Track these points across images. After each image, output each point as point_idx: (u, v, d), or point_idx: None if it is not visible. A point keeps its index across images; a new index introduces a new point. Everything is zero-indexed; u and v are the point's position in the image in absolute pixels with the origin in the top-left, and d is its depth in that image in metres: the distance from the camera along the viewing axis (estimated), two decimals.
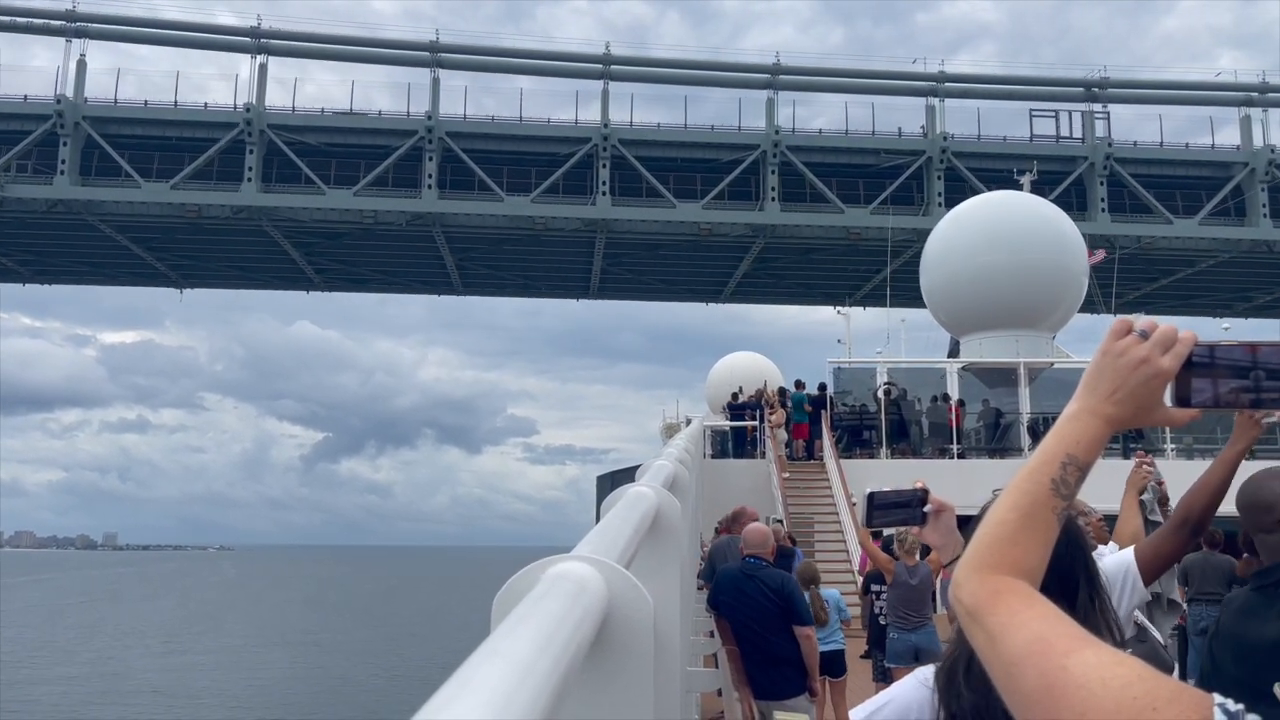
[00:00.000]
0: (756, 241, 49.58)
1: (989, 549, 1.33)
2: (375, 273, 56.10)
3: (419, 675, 42.19)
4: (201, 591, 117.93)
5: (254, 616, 79.28)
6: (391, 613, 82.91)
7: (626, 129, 48.09)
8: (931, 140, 48.78)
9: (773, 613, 7.78)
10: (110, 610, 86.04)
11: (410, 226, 48.10)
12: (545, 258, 53.79)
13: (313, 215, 47.17)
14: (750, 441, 26.54)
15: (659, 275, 56.09)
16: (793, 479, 23.09)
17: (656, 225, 48.44)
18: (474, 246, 51.83)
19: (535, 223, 47.79)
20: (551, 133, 47.92)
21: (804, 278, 56.74)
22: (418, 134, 46.58)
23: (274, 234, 48.86)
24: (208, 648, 56.36)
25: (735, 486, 21.90)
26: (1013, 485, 1.38)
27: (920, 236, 50.02)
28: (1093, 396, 1.38)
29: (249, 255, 53.88)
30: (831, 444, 23.95)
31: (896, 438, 25.58)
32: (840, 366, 28.36)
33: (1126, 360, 1.36)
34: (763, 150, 48.11)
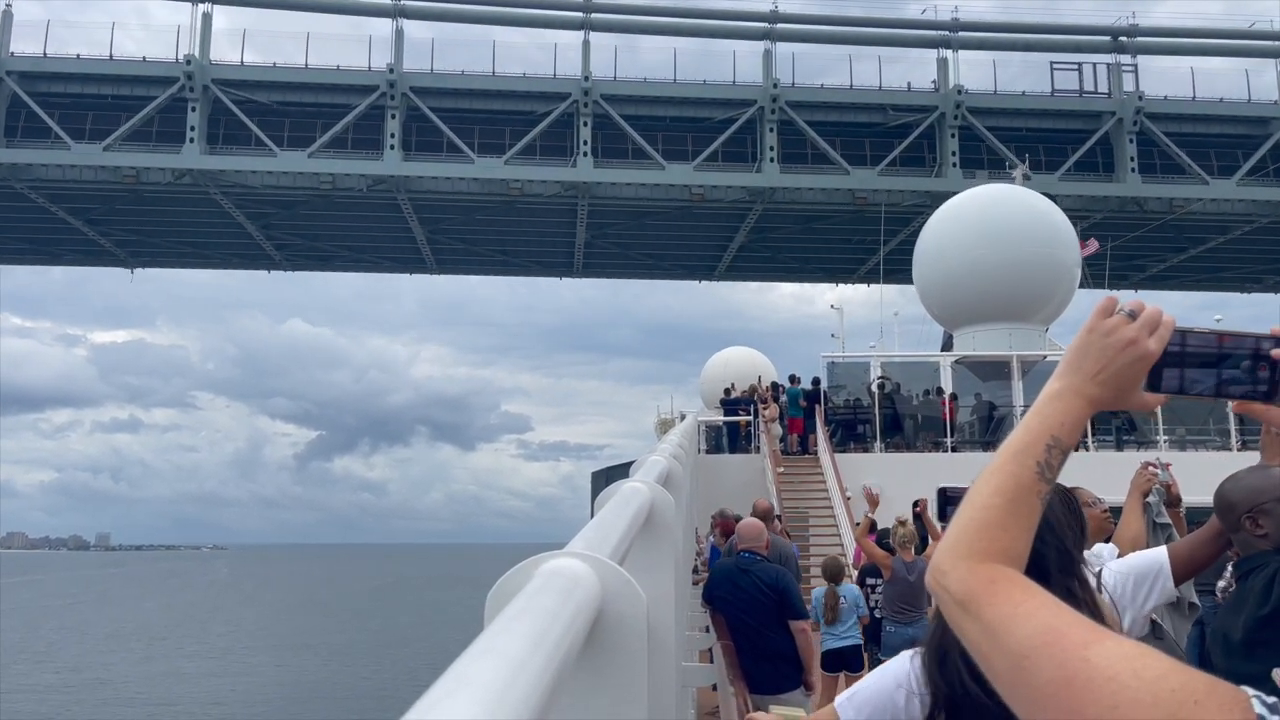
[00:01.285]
0: (753, 208, 44.61)
1: (976, 535, 1.26)
2: (340, 248, 51.00)
3: (411, 676, 41.01)
4: (191, 593, 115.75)
5: (243, 618, 76.80)
6: (385, 612, 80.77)
7: (609, 83, 43.07)
8: (944, 95, 43.84)
9: (768, 607, 7.74)
10: (95, 613, 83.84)
11: (373, 192, 43.05)
12: (523, 229, 48.77)
13: (264, 180, 42.08)
14: (745, 436, 26.20)
15: (647, 249, 51.08)
16: (787, 474, 22.83)
17: (644, 190, 43.44)
18: (445, 217, 46.79)
19: (510, 187, 42.77)
20: (527, 87, 42.88)
21: (804, 251, 51.77)
22: (379, 89, 41.52)
23: (224, 203, 43.77)
24: (191, 652, 53.96)
25: (730, 481, 21.68)
26: (996, 467, 1.31)
27: (934, 200, 45.11)
28: (1076, 375, 1.32)
29: (200, 229, 48.76)
30: (826, 438, 23.64)
31: (890, 431, 25.28)
32: (834, 361, 28.07)
33: (1114, 340, 1.31)
34: (760, 106, 43.13)
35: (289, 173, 41.61)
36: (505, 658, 0.81)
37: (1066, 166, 44.03)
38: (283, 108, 42.95)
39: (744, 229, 47.03)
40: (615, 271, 54.39)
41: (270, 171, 41.55)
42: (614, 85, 43.03)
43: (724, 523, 12.29)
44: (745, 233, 47.61)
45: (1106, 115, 44.66)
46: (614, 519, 1.79)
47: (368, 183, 42.29)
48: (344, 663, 49.06)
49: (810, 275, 55.05)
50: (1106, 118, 44.66)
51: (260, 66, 42.09)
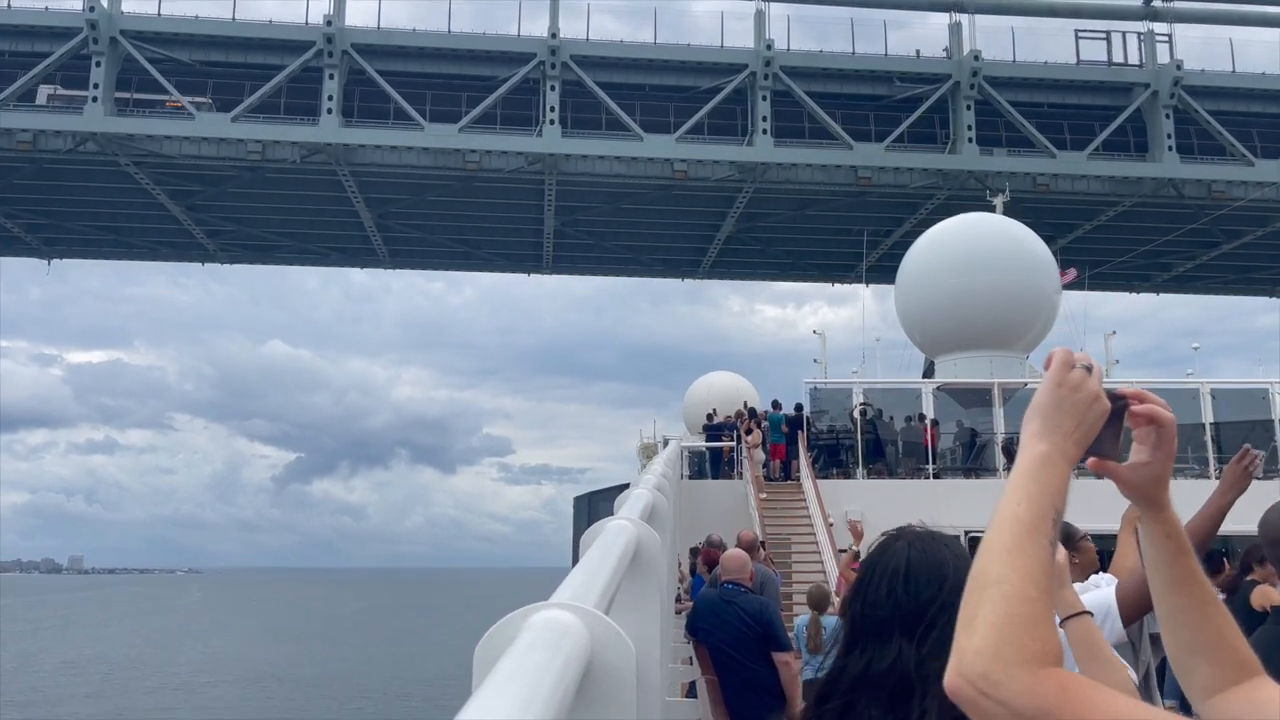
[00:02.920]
0: (743, 189, 38.81)
1: (1027, 634, 1.11)
2: (280, 235, 44.87)
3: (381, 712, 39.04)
4: (159, 618, 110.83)
5: (209, 646, 72.56)
6: (358, 640, 76.70)
7: (581, 42, 37.31)
8: (958, 62, 38.25)
9: (751, 639, 7.64)
10: (54, 640, 79.29)
11: (309, 165, 37.02)
12: (484, 214, 42.81)
13: (182, 149, 35.99)
14: (727, 462, 25.88)
15: (625, 239, 45.19)
16: (770, 500, 22.53)
17: (619, 165, 37.58)
18: (395, 197, 40.77)
19: (467, 161, 36.82)
20: (487, 47, 37.04)
21: (798, 243, 46.02)
22: (315, 45, 35.59)
23: (139, 176, 37.63)
24: (149, 684, 49.67)
25: (713, 508, 21.60)
26: (1014, 546, 1.17)
27: (946, 181, 39.50)
28: (1057, 434, 1.26)
29: (119, 211, 42.61)
30: (808, 464, 23.35)
31: (873, 458, 25.04)
32: (816, 386, 27.88)
33: (1084, 395, 1.28)
34: (751, 72, 37.41)
35: (210, 139, 35.55)
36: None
37: (1095, 145, 38.49)
38: (206, 68, 36.96)
39: (732, 215, 41.22)
40: (589, 267, 48.46)
41: (188, 138, 35.49)
42: (586, 46, 37.27)
43: (708, 552, 12.21)
44: (734, 220, 41.80)
45: (1139, 88, 39.19)
46: (600, 563, 1.81)
47: (302, 152, 36.26)
48: (311, 696, 45.02)
49: (804, 273, 49.24)
50: (1139, 91, 39.17)
51: (179, 19, 36.10)
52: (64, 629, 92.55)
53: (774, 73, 37.16)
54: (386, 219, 42.59)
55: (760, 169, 37.26)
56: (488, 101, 36.04)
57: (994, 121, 39.30)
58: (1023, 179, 39.09)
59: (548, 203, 39.94)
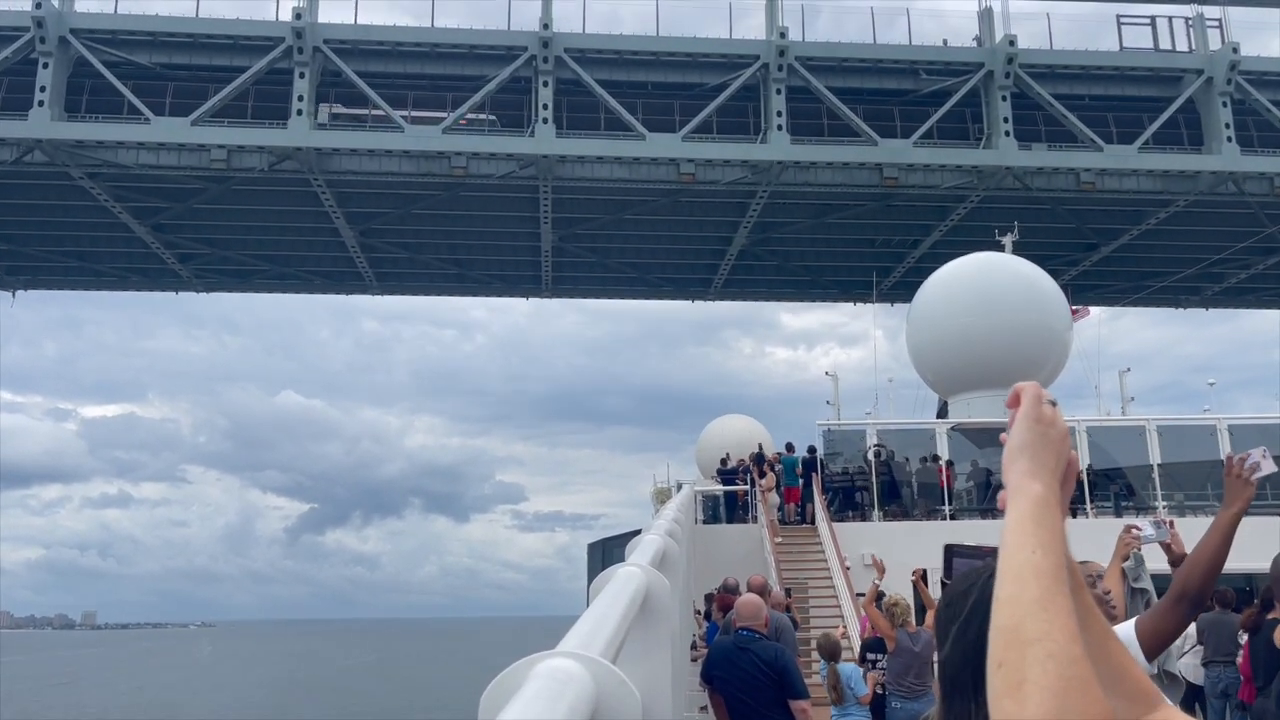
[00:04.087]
0: (757, 193, 35.01)
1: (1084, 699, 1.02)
2: (256, 259, 41.25)
3: None
4: (168, 674, 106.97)
5: (216, 703, 68.93)
6: (370, 693, 73.79)
7: (576, 35, 33.79)
8: (992, 50, 34.53)
9: (766, 686, 7.47)
10: (60, 698, 76.95)
11: (279, 174, 33.44)
12: (476, 228, 39.14)
13: (138, 158, 32.46)
14: (742, 506, 25.80)
15: (629, 255, 41.39)
16: (785, 543, 22.17)
17: (620, 168, 33.86)
18: (376, 211, 37.17)
19: (452, 165, 33.17)
20: (473, 40, 33.54)
21: (817, 257, 42.13)
22: (284, 42, 32.17)
23: (94, 191, 34.13)
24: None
25: (728, 552, 21.49)
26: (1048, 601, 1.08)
27: (981, 180, 35.58)
28: (1045, 472, 1.22)
29: (82, 234, 39.18)
30: (823, 507, 23.22)
31: (888, 499, 24.91)
32: (830, 428, 27.78)
33: (1058, 431, 1.25)
34: (764, 63, 33.77)
35: (168, 146, 32.03)
36: None
37: (1145, 137, 34.58)
38: (168, 71, 33.58)
39: (745, 225, 37.40)
40: (592, 288, 44.61)
41: (144, 144, 31.97)
42: (581, 38, 33.73)
43: (723, 598, 12.32)
44: (747, 231, 37.97)
45: (1191, 75, 35.33)
46: (608, 611, 1.79)
47: (270, 159, 32.68)
48: None
49: (823, 291, 45.26)
50: (1191, 79, 35.31)
51: (136, 16, 32.75)
52: (69, 688, 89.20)
53: (789, 64, 33.50)
54: (370, 237, 38.95)
55: (775, 169, 33.47)
56: (474, 99, 32.47)
57: (1031, 116, 35.49)
58: (1066, 177, 35.23)
59: (543, 214, 36.22)
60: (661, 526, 4.66)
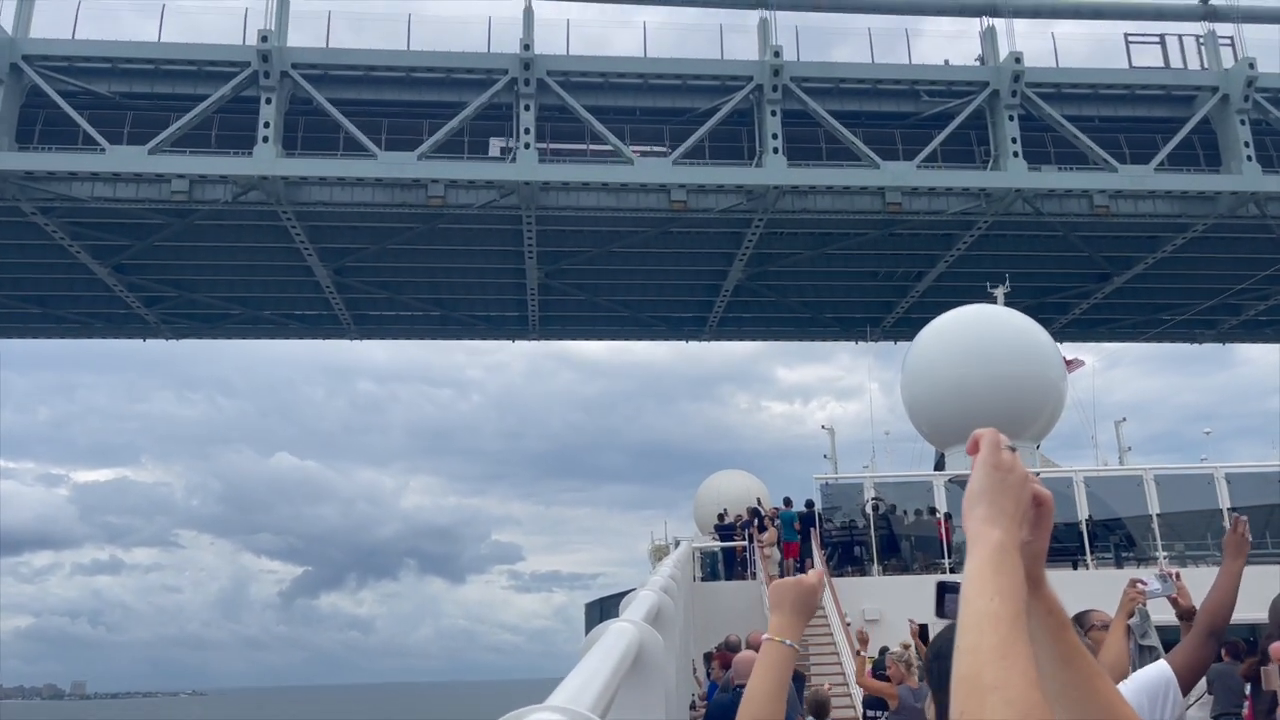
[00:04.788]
0: (753, 221, 32.90)
1: None
2: (226, 301, 38.97)
3: None
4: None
5: None
6: None
7: (559, 57, 31.93)
8: (998, 68, 32.71)
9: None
10: None
11: (244, 205, 31.31)
12: (457, 264, 36.97)
13: (94, 191, 30.34)
14: (740, 562, 25.59)
15: (619, 291, 39.18)
16: None
17: (607, 197, 31.79)
18: (350, 247, 35.00)
19: (429, 195, 31.08)
20: (450, 64, 31.65)
21: (818, 291, 39.95)
22: (249, 67, 30.24)
23: (49, 228, 31.96)
24: None
25: (727, 609, 21.57)
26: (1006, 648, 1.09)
27: (991, 203, 33.58)
28: (1004, 518, 1.21)
29: (40, 277, 36.94)
30: (823, 562, 22.98)
31: (887, 553, 24.48)
32: (827, 482, 27.58)
33: (1017, 476, 1.25)
34: (758, 84, 31.89)
35: (124, 177, 29.91)
36: None
37: (1161, 157, 32.63)
38: (127, 100, 31.63)
39: (741, 257, 35.24)
40: (581, 328, 42.36)
41: (99, 175, 29.85)
42: (565, 60, 31.86)
43: (723, 655, 12.16)
44: (743, 264, 35.80)
45: (1206, 93, 33.51)
46: (598, 665, 1.77)
47: (234, 190, 30.56)
48: None
49: (824, 329, 43.01)
50: (1205, 97, 33.48)
51: (91, 41, 30.86)
52: None
53: (783, 85, 31.61)
54: (345, 275, 36.73)
55: (772, 195, 31.39)
56: (452, 124, 30.45)
57: (1039, 138, 33.60)
58: (1079, 200, 33.22)
59: (528, 247, 34.06)
60: (656, 583, 4.67)
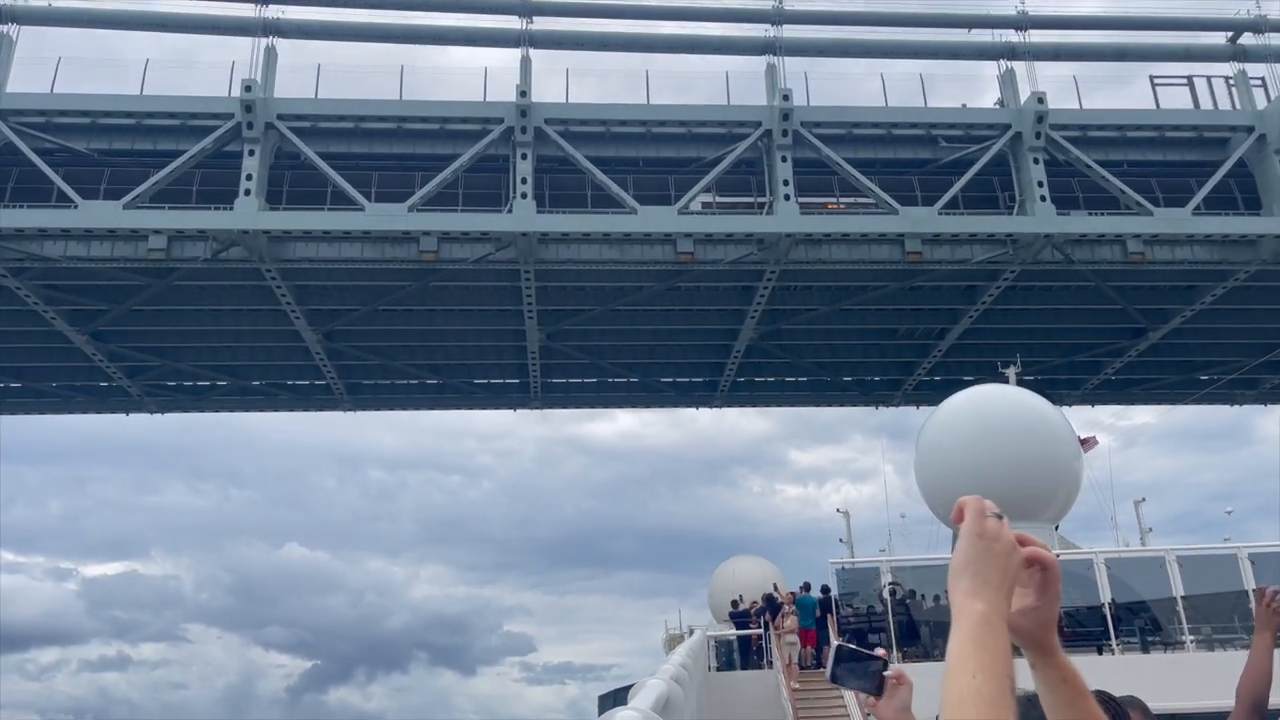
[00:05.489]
0: (765, 274, 30.86)
1: None
2: (212, 371, 36.95)
3: None
4: None
5: None
6: None
7: (558, 105, 30.32)
8: (1020, 111, 30.96)
9: None
10: None
11: (225, 263, 29.41)
12: (454, 327, 34.93)
13: (65, 250, 28.53)
14: (756, 651, 25.20)
15: (624, 354, 37.00)
16: (803, 689, 21.54)
17: (609, 249, 29.82)
18: (340, 309, 33.03)
19: (421, 250, 29.15)
20: (444, 113, 30.05)
21: (834, 351, 37.70)
22: (232, 118, 28.66)
23: (20, 291, 30.10)
24: None
25: (743, 700, 21.27)
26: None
27: (1018, 250, 31.48)
28: (988, 589, 1.19)
29: (15, 347, 34.99)
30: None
31: (907, 640, 23.61)
32: (844, 567, 27.05)
33: (1003, 544, 1.23)
34: (767, 130, 30.17)
35: (98, 234, 28.11)
36: None
37: (1198, 200, 30.64)
38: (106, 157, 30.07)
39: (752, 315, 33.11)
40: (586, 395, 40.06)
41: (70, 233, 28.05)
42: (564, 108, 30.25)
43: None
44: (754, 322, 33.67)
45: (1241, 134, 31.68)
46: None
47: (213, 247, 28.70)
48: None
49: (841, 393, 40.65)
50: (1241, 137, 31.64)
51: (70, 95, 29.40)
52: None
53: (794, 129, 29.88)
54: (335, 340, 34.69)
55: (784, 244, 29.38)
56: (445, 174, 28.70)
57: (1065, 183, 31.68)
58: (1111, 247, 31.12)
59: (527, 306, 32.03)
60: (666, 671, 4.69)
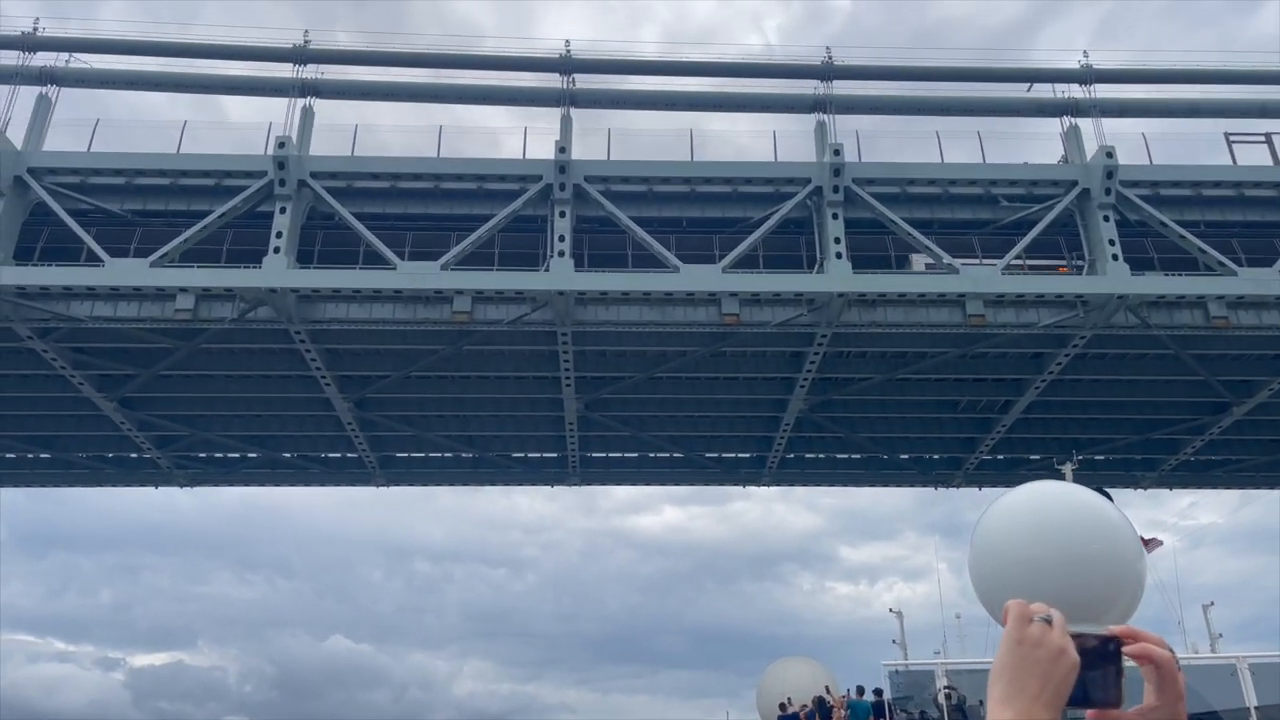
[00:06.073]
0: (815, 337, 29.01)
1: None
2: (243, 442, 35.72)
3: None
4: None
5: None
6: None
7: (598, 162, 29.17)
8: (1087, 166, 29.16)
9: None
10: None
11: (254, 325, 28.31)
12: (489, 395, 33.39)
13: (92, 310, 27.65)
14: None
15: (665, 426, 35.12)
16: None
17: (651, 310, 28.25)
18: (371, 375, 31.72)
19: (454, 310, 27.83)
20: (480, 170, 29.04)
21: (888, 426, 35.45)
22: (265, 176, 27.88)
23: (47, 355, 29.24)
24: None
25: None
26: None
27: (1090, 313, 29.35)
28: (1022, 697, 1.17)
29: (44, 414, 34.14)
30: None
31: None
32: (897, 669, 26.79)
33: (1046, 651, 1.22)
34: (816, 187, 28.69)
35: (124, 292, 27.20)
36: None
37: None
38: (140, 218, 29.42)
39: (802, 384, 31.17)
40: (627, 471, 38.02)
41: (96, 291, 27.17)
42: (604, 165, 29.09)
43: None
44: (804, 392, 31.70)
45: None
46: None
47: (240, 307, 27.63)
48: None
49: (899, 474, 38.20)
50: None
51: (102, 154, 28.91)
52: None
53: (845, 185, 28.36)
54: (367, 409, 33.32)
55: (836, 305, 27.58)
56: (480, 232, 27.52)
57: (1138, 243, 29.64)
58: (1191, 311, 28.83)
59: (564, 372, 30.44)
60: None
